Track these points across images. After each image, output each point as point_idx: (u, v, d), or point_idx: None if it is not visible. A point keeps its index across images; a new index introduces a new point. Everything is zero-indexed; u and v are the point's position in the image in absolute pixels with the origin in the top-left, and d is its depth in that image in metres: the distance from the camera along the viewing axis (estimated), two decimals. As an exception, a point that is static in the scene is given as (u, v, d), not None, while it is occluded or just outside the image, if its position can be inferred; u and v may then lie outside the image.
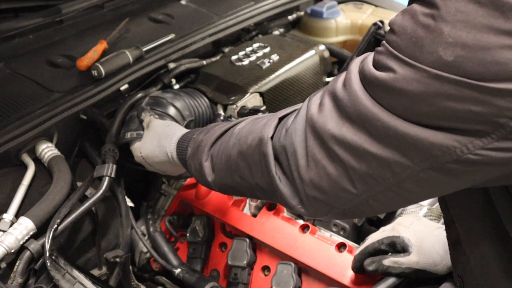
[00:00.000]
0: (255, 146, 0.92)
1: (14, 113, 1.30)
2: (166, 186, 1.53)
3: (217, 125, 1.13)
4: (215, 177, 1.06)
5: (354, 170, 0.75)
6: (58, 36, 1.63)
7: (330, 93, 0.78)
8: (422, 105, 0.66)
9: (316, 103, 0.81)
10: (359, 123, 0.72)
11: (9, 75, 1.45)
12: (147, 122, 1.32)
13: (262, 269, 1.35)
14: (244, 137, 0.97)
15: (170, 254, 1.40)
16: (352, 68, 0.76)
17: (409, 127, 0.68)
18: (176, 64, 1.61)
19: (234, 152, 0.98)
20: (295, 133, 0.83)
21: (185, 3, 1.91)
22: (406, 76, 0.66)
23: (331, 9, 1.96)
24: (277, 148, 0.88)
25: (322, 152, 0.78)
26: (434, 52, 0.63)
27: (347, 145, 0.74)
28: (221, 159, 1.03)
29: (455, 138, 0.66)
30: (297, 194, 0.85)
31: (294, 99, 1.70)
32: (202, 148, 1.09)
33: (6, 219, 1.13)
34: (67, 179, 1.24)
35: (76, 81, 1.44)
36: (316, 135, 0.78)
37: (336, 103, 0.76)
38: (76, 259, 1.30)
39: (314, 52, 1.76)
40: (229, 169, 1.00)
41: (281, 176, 0.87)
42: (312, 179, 0.80)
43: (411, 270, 1.09)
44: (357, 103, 0.72)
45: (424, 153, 0.68)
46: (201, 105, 1.52)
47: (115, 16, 1.75)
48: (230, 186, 1.04)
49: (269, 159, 0.88)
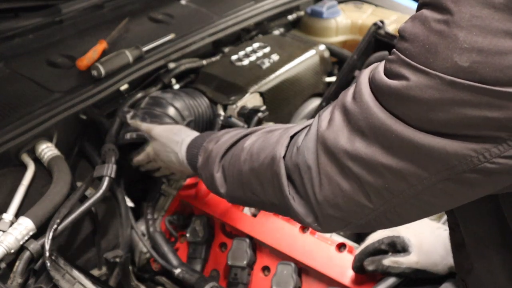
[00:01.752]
0: (267, 165, 0.91)
1: (14, 113, 1.30)
2: (166, 186, 1.53)
3: (227, 133, 1.12)
4: (227, 188, 1.05)
5: (370, 184, 0.73)
6: (58, 36, 1.63)
7: (340, 107, 0.77)
8: (437, 112, 0.64)
9: (326, 119, 0.79)
10: (372, 136, 0.71)
11: (9, 75, 1.45)
12: (146, 130, 1.33)
13: (262, 269, 1.35)
14: (256, 154, 0.95)
15: (170, 254, 1.40)
16: (362, 80, 0.74)
17: (424, 137, 0.66)
18: (176, 64, 1.61)
19: (246, 168, 0.97)
20: (307, 151, 0.81)
21: (185, 3, 1.91)
22: (419, 84, 0.65)
23: (331, 9, 1.96)
24: (290, 167, 0.86)
25: (335, 168, 0.76)
26: (449, 58, 0.62)
27: (361, 159, 0.72)
28: (233, 172, 1.02)
29: (471, 146, 0.65)
30: (312, 212, 0.83)
31: (294, 99, 1.70)
32: (212, 159, 1.08)
33: (6, 219, 1.13)
34: (67, 179, 1.24)
35: (76, 81, 1.44)
36: (328, 151, 0.77)
37: (347, 117, 0.74)
38: (76, 259, 1.30)
39: (314, 52, 1.76)
40: (241, 183, 1.00)
41: (294, 196, 0.86)
42: (327, 196, 0.79)
43: (411, 270, 1.09)
44: (369, 115, 0.71)
45: (440, 163, 0.67)
46: (201, 105, 1.52)
47: (115, 16, 1.75)
48: (242, 199, 1.03)
49: (282, 178, 0.87)
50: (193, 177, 1.49)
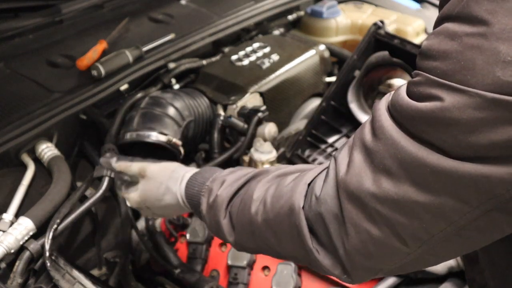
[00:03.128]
0: (284, 216, 0.83)
1: (14, 113, 1.30)
2: (166, 186, 1.52)
3: (232, 174, 1.02)
4: (235, 237, 0.96)
5: (404, 227, 0.67)
6: (58, 36, 1.63)
7: (359, 147, 0.70)
8: (479, 135, 0.58)
9: (344, 162, 0.72)
10: (401, 173, 0.64)
11: (9, 75, 1.45)
12: (139, 170, 1.16)
13: (262, 269, 1.35)
14: (270, 204, 0.87)
15: (170, 254, 1.40)
16: (379, 112, 0.67)
17: (464, 165, 0.60)
18: (176, 64, 1.61)
19: (259, 219, 0.88)
20: (329, 199, 0.75)
21: (185, 3, 1.91)
22: (457, 104, 0.58)
23: (331, 9, 1.96)
24: (311, 218, 0.79)
25: (361, 214, 0.70)
26: (490, 74, 0.56)
27: (391, 201, 0.66)
28: (242, 221, 0.93)
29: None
30: (339, 263, 0.77)
31: (294, 99, 1.70)
32: (218, 204, 0.98)
33: (6, 219, 1.13)
34: (67, 179, 1.24)
35: (76, 81, 1.44)
36: (352, 197, 0.70)
37: (369, 157, 0.68)
38: (76, 259, 1.30)
39: (314, 52, 1.76)
40: (252, 235, 0.91)
41: (318, 248, 0.79)
42: (355, 245, 0.72)
43: (411, 270, 1.09)
44: (397, 150, 0.64)
45: (483, 193, 0.60)
46: (201, 105, 1.52)
47: (115, 16, 1.75)
48: (254, 250, 0.95)
49: (304, 231, 0.80)
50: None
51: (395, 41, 1.51)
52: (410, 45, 1.49)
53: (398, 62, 1.50)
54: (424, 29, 1.96)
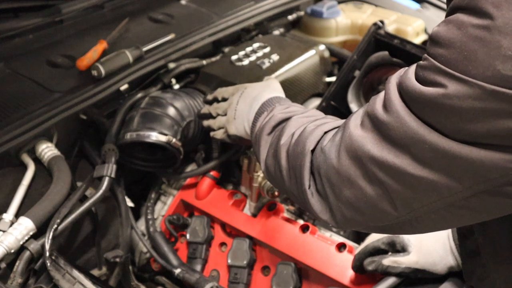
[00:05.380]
0: (298, 153, 0.90)
1: (14, 113, 1.30)
2: (166, 186, 1.53)
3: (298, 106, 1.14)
4: (266, 158, 1.04)
5: (397, 193, 0.71)
6: (58, 36, 1.63)
7: (370, 116, 0.74)
8: (477, 123, 0.61)
9: (354, 122, 0.76)
10: (402, 146, 0.68)
11: (9, 75, 1.45)
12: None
13: (262, 269, 1.35)
14: (294, 140, 0.94)
15: (170, 254, 1.40)
16: (390, 87, 0.71)
17: (461, 147, 0.63)
18: (176, 64, 1.61)
19: (283, 149, 0.96)
20: (330, 151, 0.80)
21: (185, 3, 1.90)
22: (458, 93, 0.61)
23: (331, 9, 1.96)
24: (315, 163, 0.85)
25: (358, 172, 0.74)
26: (491, 67, 0.59)
27: (389, 168, 0.70)
28: (274, 145, 1.01)
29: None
30: (329, 210, 0.82)
31: (294, 99, 1.69)
32: (270, 121, 1.08)
33: (6, 219, 1.13)
34: (67, 179, 1.24)
35: (76, 81, 1.44)
36: (353, 154, 0.74)
37: (378, 127, 0.71)
38: (76, 259, 1.30)
39: (314, 52, 1.76)
40: (276, 161, 0.99)
41: (313, 192, 0.85)
42: (348, 198, 0.77)
43: (410, 269, 1.09)
44: (402, 126, 0.67)
45: (477, 175, 0.64)
46: (201, 105, 1.51)
47: (115, 16, 1.74)
48: (273, 175, 1.02)
49: (304, 172, 0.86)
50: (193, 177, 1.49)
51: (395, 41, 1.51)
52: (410, 45, 1.49)
53: (398, 62, 1.50)
54: (424, 29, 1.96)
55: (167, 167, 1.47)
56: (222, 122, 1.31)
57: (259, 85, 1.28)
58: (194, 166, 1.53)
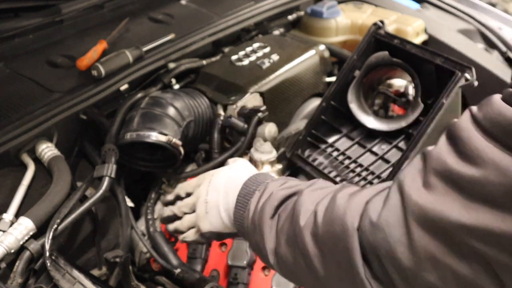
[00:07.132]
0: (335, 235, 0.72)
1: (14, 113, 1.30)
2: (166, 186, 1.53)
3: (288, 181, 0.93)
4: (276, 245, 0.86)
5: (502, 264, 0.57)
6: (58, 36, 1.63)
7: (439, 173, 0.60)
8: None
9: (415, 187, 0.62)
10: (509, 205, 0.54)
11: (9, 75, 1.45)
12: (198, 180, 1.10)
13: (262, 269, 1.35)
14: (322, 218, 0.76)
15: (170, 254, 1.40)
16: (469, 134, 0.57)
17: None
18: (176, 64, 1.61)
19: (306, 233, 0.78)
20: (391, 227, 0.64)
21: (185, 3, 1.91)
22: None
23: (331, 9, 1.96)
24: (365, 245, 0.68)
25: (444, 248, 0.60)
26: None
27: (491, 235, 0.55)
28: (288, 230, 0.83)
29: None
30: None
31: (294, 99, 1.70)
32: (271, 200, 0.89)
33: (6, 219, 1.13)
34: (67, 179, 1.24)
35: (76, 81, 1.44)
36: (432, 228, 0.60)
37: (457, 185, 0.58)
38: (76, 259, 1.30)
39: (314, 52, 1.76)
40: (295, 249, 0.81)
41: (372, 281, 0.69)
42: (430, 284, 0.62)
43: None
44: (505, 179, 0.53)
45: None
46: (201, 105, 1.52)
47: (115, 16, 1.75)
48: (291, 268, 0.84)
49: (355, 258, 0.69)
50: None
51: (395, 41, 1.51)
52: (410, 45, 1.49)
53: (398, 62, 1.50)
54: (424, 29, 1.96)
55: (167, 167, 1.47)
56: (191, 221, 1.08)
57: (228, 168, 1.06)
58: (194, 166, 1.53)
